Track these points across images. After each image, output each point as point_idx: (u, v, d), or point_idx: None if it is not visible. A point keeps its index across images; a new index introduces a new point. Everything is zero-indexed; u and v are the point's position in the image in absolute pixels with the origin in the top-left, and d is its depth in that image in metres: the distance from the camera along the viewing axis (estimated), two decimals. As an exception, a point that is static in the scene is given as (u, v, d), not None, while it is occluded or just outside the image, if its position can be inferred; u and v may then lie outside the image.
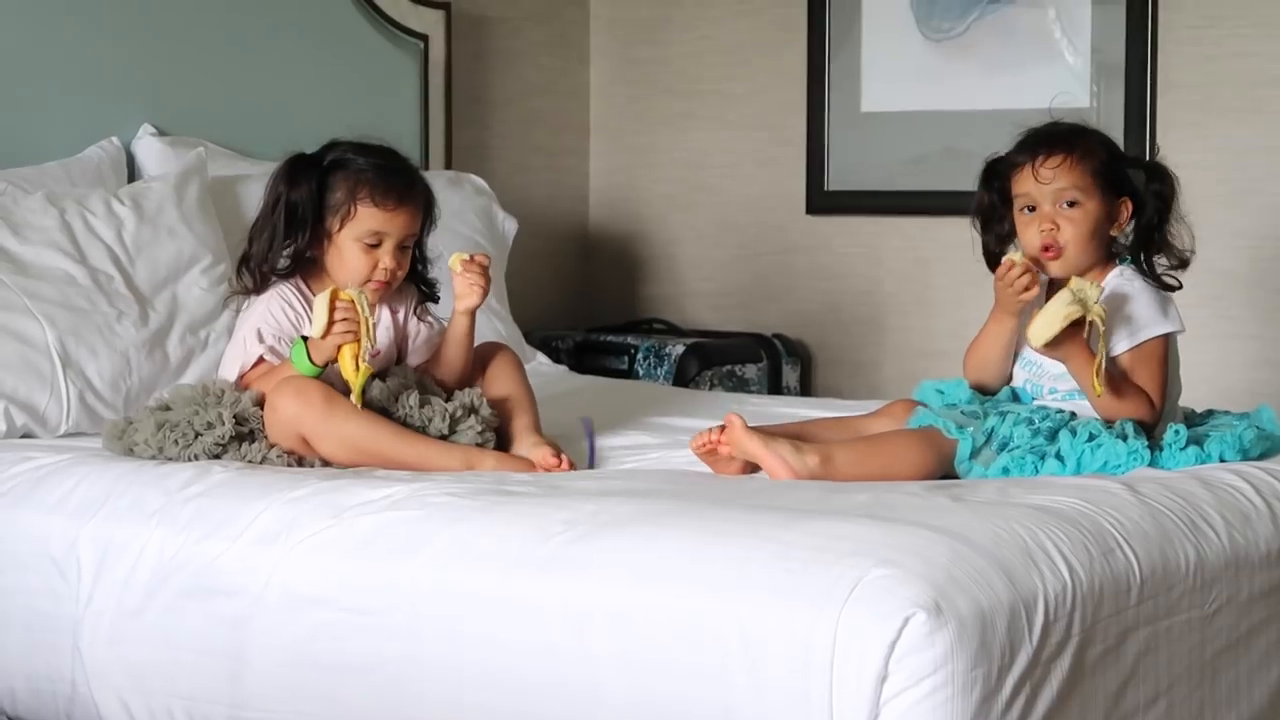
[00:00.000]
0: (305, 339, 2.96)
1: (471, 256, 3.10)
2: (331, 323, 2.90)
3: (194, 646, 2.64)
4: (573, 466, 3.00)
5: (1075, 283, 2.87)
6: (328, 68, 4.38)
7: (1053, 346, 2.85)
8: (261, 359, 3.06)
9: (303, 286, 3.12)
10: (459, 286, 3.11)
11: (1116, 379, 2.91)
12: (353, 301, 2.92)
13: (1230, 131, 4.39)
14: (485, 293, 3.11)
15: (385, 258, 3.05)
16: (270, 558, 2.60)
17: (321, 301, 2.91)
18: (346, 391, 2.96)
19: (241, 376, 3.07)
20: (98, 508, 2.81)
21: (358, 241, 3.05)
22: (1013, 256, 2.94)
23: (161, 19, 4.04)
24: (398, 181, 3.08)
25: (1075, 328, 2.84)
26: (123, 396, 3.38)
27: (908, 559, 2.20)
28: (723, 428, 2.91)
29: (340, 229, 3.06)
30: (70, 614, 2.77)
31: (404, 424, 3.00)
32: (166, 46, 4.05)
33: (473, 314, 3.13)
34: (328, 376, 2.98)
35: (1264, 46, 4.35)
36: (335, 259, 3.08)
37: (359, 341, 2.91)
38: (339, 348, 2.92)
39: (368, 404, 2.98)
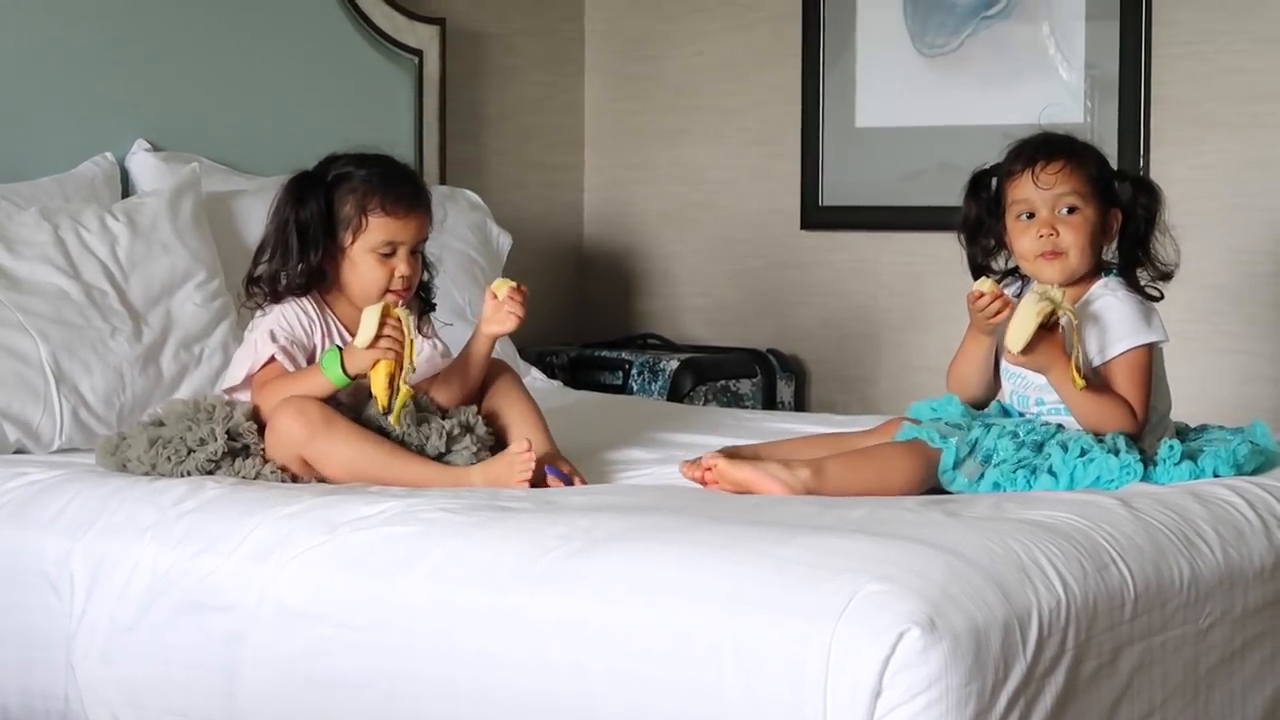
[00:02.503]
0: (339, 348, 2.97)
1: (518, 285, 3.12)
2: (379, 337, 2.91)
3: (187, 662, 2.63)
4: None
5: (1039, 286, 2.89)
6: (322, 83, 4.38)
7: (1030, 353, 2.85)
8: (272, 359, 3.05)
9: (318, 299, 3.11)
10: (497, 312, 3.11)
11: (1098, 386, 2.91)
12: (400, 320, 2.93)
13: (1224, 146, 4.40)
14: (520, 322, 3.12)
15: (401, 265, 3.06)
16: (264, 573, 2.60)
17: (373, 314, 2.92)
18: (357, 408, 2.98)
19: (249, 377, 3.06)
20: (91, 524, 2.81)
21: (372, 253, 3.06)
22: (980, 286, 2.95)
23: (156, 35, 4.04)
24: (405, 189, 3.09)
25: (1050, 332, 2.85)
26: (116, 412, 3.37)
27: (902, 574, 2.20)
28: (707, 465, 2.90)
29: (353, 242, 3.07)
30: (63, 630, 2.76)
31: (401, 443, 3.00)
32: (161, 62, 4.05)
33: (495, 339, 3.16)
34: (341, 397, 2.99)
35: (1257, 62, 4.36)
36: (350, 273, 3.08)
37: (398, 361, 2.92)
38: (375, 363, 2.93)
39: (364, 421, 2.99)
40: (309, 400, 2.96)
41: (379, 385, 2.93)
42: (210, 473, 2.94)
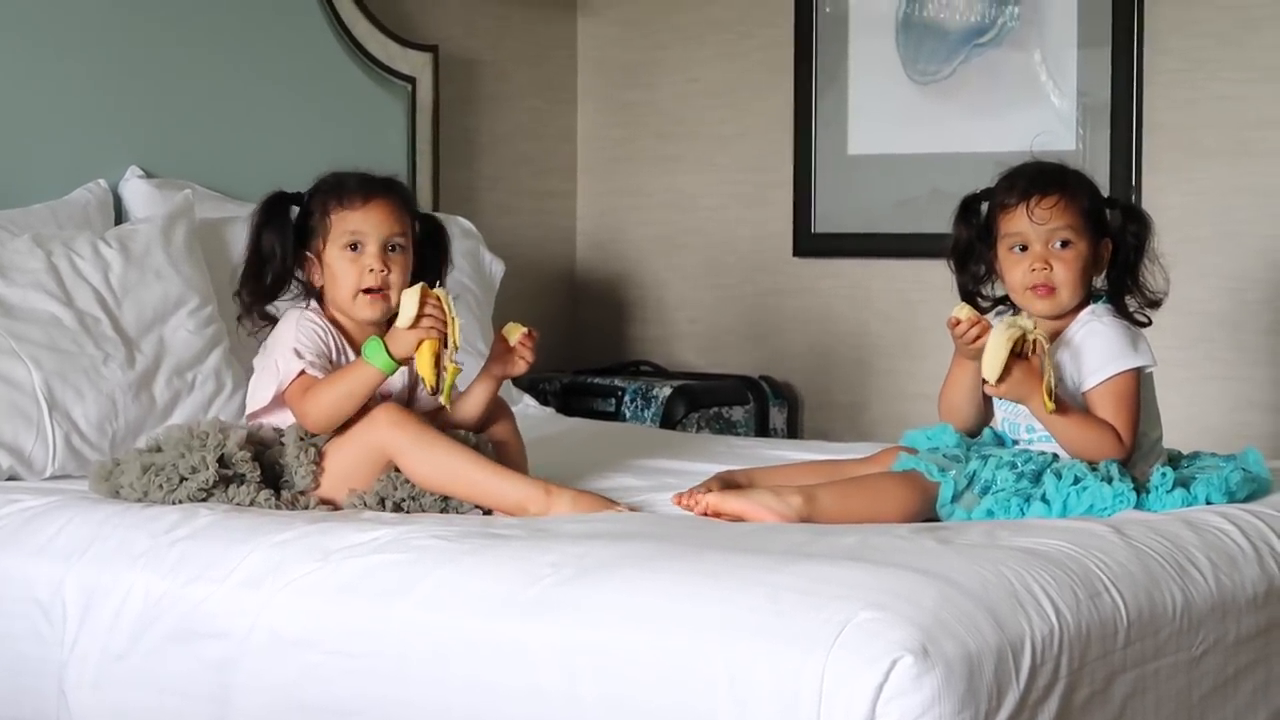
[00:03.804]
0: (379, 337, 2.97)
1: (529, 332, 3.13)
2: (420, 316, 2.92)
3: (180, 690, 2.63)
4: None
5: (1008, 315, 2.90)
6: (315, 110, 4.39)
7: (1006, 381, 2.84)
8: (302, 373, 3.02)
9: (320, 314, 3.11)
10: (506, 355, 3.13)
11: (1080, 412, 2.91)
12: (440, 299, 2.94)
13: (1215, 174, 4.41)
14: (530, 368, 3.13)
15: (368, 259, 3.04)
16: (256, 601, 2.59)
17: (412, 295, 2.93)
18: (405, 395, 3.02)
19: (278, 396, 3.04)
20: (84, 550, 2.80)
21: (341, 250, 3.06)
22: (958, 313, 2.95)
23: (149, 61, 4.05)
24: (365, 181, 3.10)
25: (1025, 359, 2.85)
26: (109, 439, 3.37)
27: (895, 602, 2.20)
28: (701, 510, 2.90)
29: (325, 246, 3.08)
30: (55, 657, 2.76)
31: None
32: (154, 89, 4.06)
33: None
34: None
35: (1248, 89, 4.37)
36: (329, 280, 3.08)
37: (442, 341, 2.93)
38: (419, 344, 2.93)
39: None
40: (405, 409, 2.98)
41: (425, 366, 2.92)
42: (203, 500, 2.93)
